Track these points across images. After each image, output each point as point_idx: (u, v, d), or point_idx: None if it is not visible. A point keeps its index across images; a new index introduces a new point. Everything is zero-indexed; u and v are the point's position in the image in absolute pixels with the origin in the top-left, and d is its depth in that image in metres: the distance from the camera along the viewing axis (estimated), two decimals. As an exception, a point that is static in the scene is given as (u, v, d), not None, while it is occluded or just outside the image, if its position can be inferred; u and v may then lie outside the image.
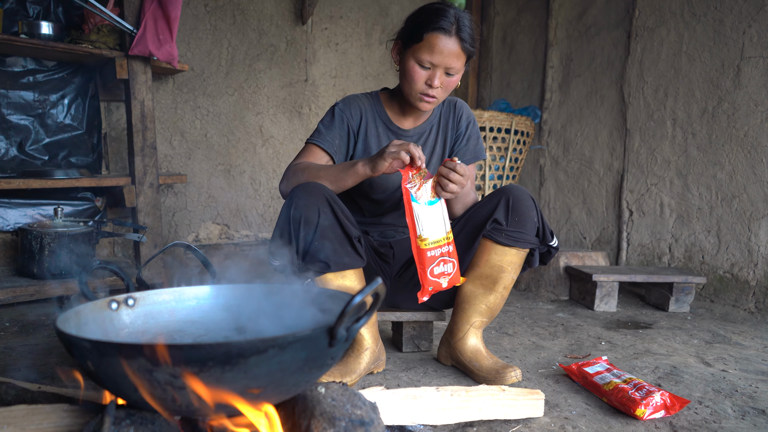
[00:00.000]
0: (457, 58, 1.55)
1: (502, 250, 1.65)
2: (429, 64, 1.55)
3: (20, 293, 2.30)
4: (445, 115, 1.81)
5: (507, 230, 1.61)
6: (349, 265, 1.55)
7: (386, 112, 1.77)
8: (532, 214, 1.60)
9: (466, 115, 1.82)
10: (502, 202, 1.61)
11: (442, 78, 1.57)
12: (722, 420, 1.42)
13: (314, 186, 1.50)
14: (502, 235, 1.62)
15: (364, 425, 0.88)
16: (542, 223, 1.63)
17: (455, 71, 1.58)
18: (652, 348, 2.04)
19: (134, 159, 2.61)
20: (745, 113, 2.69)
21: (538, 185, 3.91)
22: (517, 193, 1.61)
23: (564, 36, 3.72)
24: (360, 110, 1.74)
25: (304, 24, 3.63)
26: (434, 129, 1.80)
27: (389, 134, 1.76)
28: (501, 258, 1.65)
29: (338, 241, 1.52)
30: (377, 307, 0.85)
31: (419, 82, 1.58)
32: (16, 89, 2.69)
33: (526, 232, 1.62)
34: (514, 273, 1.68)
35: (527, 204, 1.60)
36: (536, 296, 2.95)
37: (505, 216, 1.61)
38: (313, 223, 1.47)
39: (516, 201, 1.60)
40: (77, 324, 0.94)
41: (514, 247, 1.64)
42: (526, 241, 1.63)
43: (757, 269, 2.65)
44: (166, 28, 2.50)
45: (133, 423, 0.81)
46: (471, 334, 1.72)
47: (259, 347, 0.76)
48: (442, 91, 1.61)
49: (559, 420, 1.39)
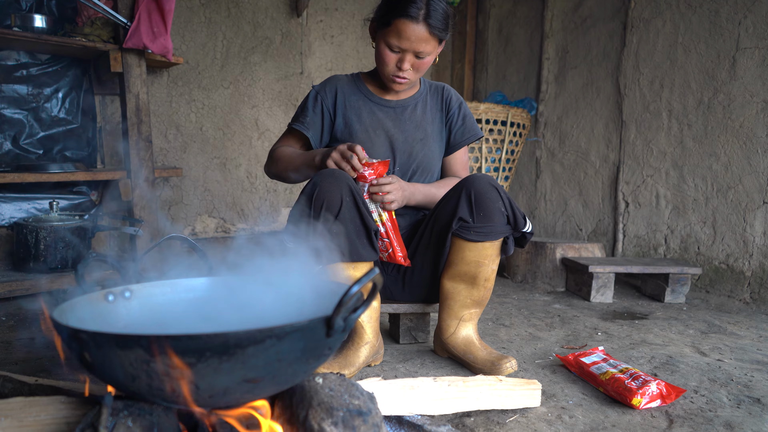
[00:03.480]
0: (426, 42, 1.56)
1: (474, 246, 1.62)
2: (398, 48, 1.58)
3: (16, 287, 2.29)
4: (433, 96, 1.84)
5: (474, 227, 1.58)
6: (364, 257, 1.55)
7: (367, 87, 1.80)
8: (497, 206, 1.55)
9: (456, 97, 1.85)
10: (464, 198, 1.57)
11: (412, 61, 1.61)
12: (718, 409, 1.43)
13: (339, 173, 1.50)
14: (470, 233, 1.59)
15: (362, 415, 0.88)
16: (512, 210, 1.58)
17: (425, 54, 1.60)
18: (648, 338, 2.05)
19: (129, 152, 2.60)
20: (741, 104, 2.70)
21: (535, 177, 3.91)
22: (479, 185, 1.56)
23: (560, 27, 3.71)
24: (335, 88, 1.78)
25: (299, 16, 3.62)
26: (420, 106, 1.81)
27: (371, 105, 1.78)
28: (476, 253, 1.63)
29: (356, 233, 1.52)
30: (374, 297, 0.85)
31: (390, 64, 1.63)
32: (9, 83, 2.67)
33: (495, 225, 1.58)
34: (493, 264, 1.66)
35: (490, 196, 1.55)
36: (533, 288, 2.96)
37: (470, 212, 1.57)
38: (335, 211, 1.48)
39: (479, 195, 1.55)
40: (74, 316, 0.94)
41: (486, 241, 1.61)
42: (497, 233, 1.59)
43: (752, 260, 2.66)
44: (160, 20, 2.48)
45: (131, 414, 0.81)
46: (461, 327, 1.72)
47: (256, 337, 0.76)
48: (413, 72, 1.64)
49: (556, 409, 1.40)
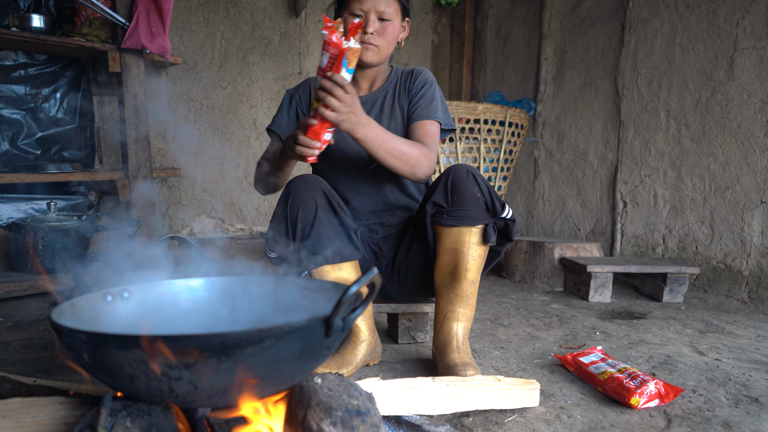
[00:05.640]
0: (387, 4, 1.59)
1: (451, 232, 1.59)
2: (360, 11, 1.59)
3: (14, 288, 2.29)
4: (401, 83, 1.79)
5: (449, 210, 1.57)
6: (347, 257, 1.56)
7: None
8: (473, 190, 1.54)
9: (422, 79, 1.78)
10: (441, 184, 1.57)
11: (376, 23, 1.61)
12: (716, 408, 1.43)
13: (311, 178, 1.52)
14: (444, 217, 1.58)
15: (360, 415, 0.88)
16: (490, 196, 1.56)
17: (389, 16, 1.61)
18: (646, 338, 2.05)
19: (128, 153, 2.60)
20: (739, 104, 2.70)
21: (533, 177, 3.92)
22: (456, 172, 1.56)
23: (558, 28, 3.72)
24: (309, 88, 1.79)
25: (298, 16, 3.62)
26: (389, 96, 1.77)
27: None
28: (453, 240, 1.59)
29: (336, 234, 1.52)
30: (373, 297, 0.85)
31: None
32: (7, 83, 2.67)
33: (469, 209, 1.55)
34: (473, 252, 1.59)
35: (466, 181, 1.54)
36: (531, 287, 2.96)
37: (445, 197, 1.57)
38: (311, 216, 1.48)
39: (454, 180, 1.55)
40: (72, 317, 0.94)
41: (462, 226, 1.57)
42: (472, 218, 1.56)
43: (750, 259, 2.66)
44: (158, 20, 2.48)
45: (130, 414, 0.81)
46: (445, 326, 1.64)
47: (255, 337, 0.76)
48: (379, 38, 1.63)
49: (555, 409, 1.40)
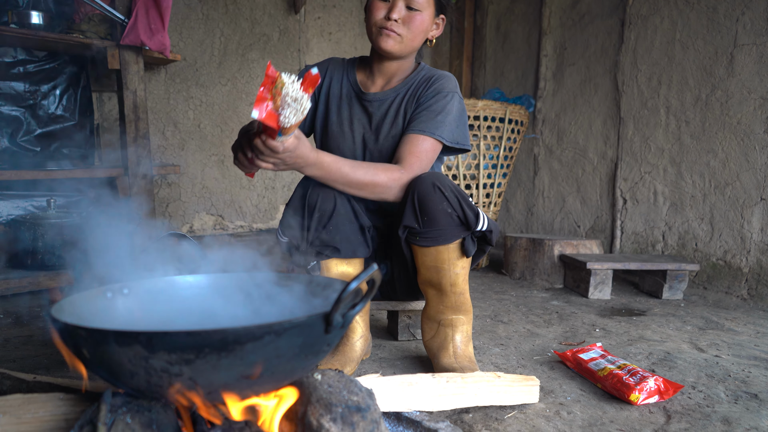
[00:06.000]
0: None
1: (428, 251, 1.51)
2: None
3: (14, 285, 2.29)
4: (417, 86, 1.61)
5: (422, 232, 1.47)
6: (358, 253, 1.55)
7: (356, 74, 1.68)
8: (442, 207, 1.42)
9: (437, 87, 1.59)
10: (408, 204, 1.45)
11: (402, 10, 1.48)
12: (715, 404, 1.43)
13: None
14: (418, 239, 1.49)
15: (360, 411, 0.88)
16: (461, 209, 1.44)
17: (419, 5, 1.48)
18: (645, 334, 2.06)
19: (127, 150, 2.60)
20: (738, 101, 2.70)
21: (533, 174, 3.92)
22: (422, 188, 1.43)
23: (558, 24, 3.71)
24: (327, 70, 1.69)
25: (297, 13, 3.61)
26: (398, 99, 1.61)
27: (351, 95, 1.66)
28: (432, 258, 1.52)
29: (351, 230, 1.51)
30: (373, 293, 0.85)
31: (378, 13, 1.49)
32: (6, 80, 2.66)
33: (442, 227, 1.45)
34: (455, 268, 1.53)
35: (433, 197, 1.42)
36: (531, 284, 2.96)
37: (415, 218, 1.45)
38: (329, 209, 1.47)
39: (421, 198, 1.43)
40: (72, 313, 0.94)
41: (439, 246, 1.49)
42: (447, 237, 1.47)
43: (750, 256, 2.66)
44: (157, 17, 2.47)
45: (130, 411, 0.81)
46: (441, 333, 1.62)
47: (255, 333, 0.76)
48: (403, 27, 1.49)
49: (554, 406, 1.40)
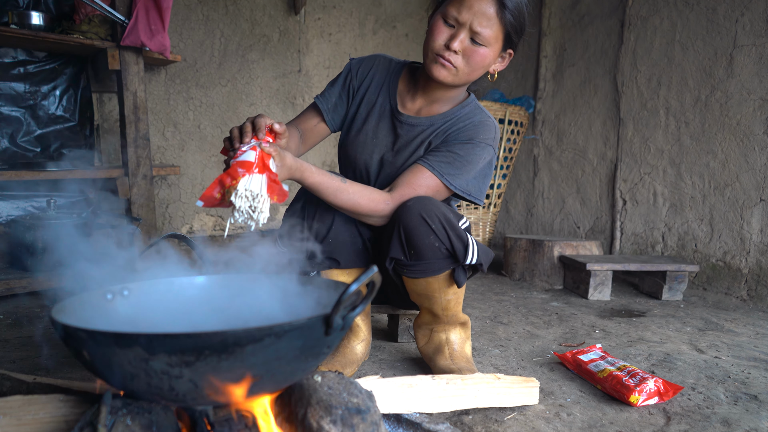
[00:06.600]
0: (488, 21, 1.32)
1: (417, 282, 1.47)
2: (454, 20, 1.33)
3: (14, 285, 2.29)
4: (452, 123, 1.49)
5: (409, 265, 1.43)
6: (358, 264, 1.54)
7: (398, 84, 1.54)
8: (428, 240, 1.36)
9: (471, 134, 1.46)
10: (394, 236, 1.39)
11: (465, 41, 1.34)
12: (715, 405, 1.43)
13: None
14: (406, 271, 1.45)
15: (360, 413, 0.88)
16: (449, 240, 1.37)
17: (482, 40, 1.33)
18: (645, 336, 2.06)
19: (127, 150, 2.60)
20: (738, 102, 2.70)
21: (532, 175, 3.92)
22: (408, 220, 1.36)
23: (557, 25, 3.71)
24: (371, 70, 1.56)
25: (297, 14, 3.61)
26: (431, 130, 1.50)
27: (386, 108, 1.54)
28: (422, 288, 1.49)
29: (350, 241, 1.50)
30: (372, 296, 0.85)
31: (438, 38, 1.36)
32: (6, 80, 2.66)
33: (429, 261, 1.40)
34: (446, 295, 1.50)
35: (419, 230, 1.35)
36: (530, 286, 2.96)
37: (402, 250, 1.40)
38: (329, 219, 1.45)
39: (407, 231, 1.36)
40: (72, 314, 0.94)
41: (428, 277, 1.45)
42: (434, 269, 1.43)
43: (750, 257, 2.67)
44: (157, 18, 2.48)
45: (130, 412, 0.81)
46: (435, 337, 1.63)
47: (255, 336, 0.76)
48: (462, 59, 1.36)
49: (554, 407, 1.40)
